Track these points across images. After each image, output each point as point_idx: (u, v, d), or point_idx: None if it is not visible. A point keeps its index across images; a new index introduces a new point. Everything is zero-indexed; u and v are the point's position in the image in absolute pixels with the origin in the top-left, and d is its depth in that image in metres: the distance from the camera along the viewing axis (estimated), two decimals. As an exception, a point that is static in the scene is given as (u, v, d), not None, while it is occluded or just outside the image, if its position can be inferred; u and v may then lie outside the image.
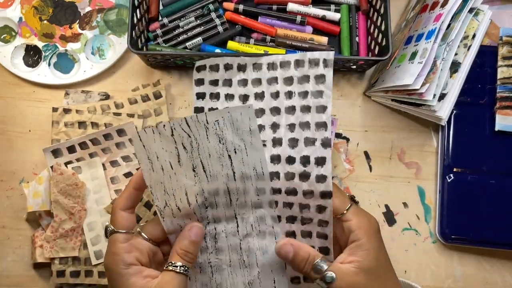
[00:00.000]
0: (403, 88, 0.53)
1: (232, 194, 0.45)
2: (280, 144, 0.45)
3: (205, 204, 0.45)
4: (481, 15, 0.57)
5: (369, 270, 0.40)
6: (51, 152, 0.57)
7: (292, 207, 0.45)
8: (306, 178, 0.44)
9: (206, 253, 0.46)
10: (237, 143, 0.44)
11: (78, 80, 0.61)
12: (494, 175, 0.58)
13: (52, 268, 0.55)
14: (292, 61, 0.46)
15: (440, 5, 0.55)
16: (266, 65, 0.47)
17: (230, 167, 0.44)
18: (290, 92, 0.46)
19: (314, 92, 0.45)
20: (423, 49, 0.53)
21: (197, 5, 0.61)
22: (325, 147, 0.44)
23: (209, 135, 0.43)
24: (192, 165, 0.44)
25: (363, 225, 0.41)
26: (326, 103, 0.45)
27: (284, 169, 0.45)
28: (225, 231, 0.46)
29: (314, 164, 0.44)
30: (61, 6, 0.63)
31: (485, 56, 0.60)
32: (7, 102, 0.61)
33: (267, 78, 0.47)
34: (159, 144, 0.43)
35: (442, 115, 0.55)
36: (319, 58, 0.45)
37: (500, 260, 0.58)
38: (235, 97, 0.48)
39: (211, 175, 0.44)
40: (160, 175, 0.43)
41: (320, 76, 0.45)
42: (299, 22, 0.62)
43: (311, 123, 0.45)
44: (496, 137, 0.58)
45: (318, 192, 0.43)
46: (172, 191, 0.44)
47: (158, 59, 0.58)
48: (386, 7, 0.54)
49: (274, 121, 0.46)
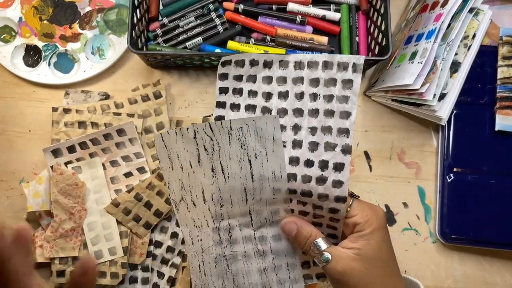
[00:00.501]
0: (403, 88, 0.53)
1: (248, 194, 0.45)
2: (300, 147, 0.45)
3: (220, 203, 0.45)
4: (481, 15, 0.57)
5: (368, 259, 0.40)
6: (51, 152, 0.57)
7: (305, 205, 0.45)
8: (323, 182, 0.43)
9: (221, 247, 0.46)
10: (258, 149, 0.44)
11: (78, 80, 0.61)
12: (494, 175, 0.58)
13: (52, 268, 0.55)
14: (321, 62, 0.45)
15: (440, 5, 0.54)
16: (293, 63, 0.46)
17: (249, 170, 0.44)
18: (315, 94, 0.45)
19: (339, 96, 0.44)
20: (423, 49, 0.53)
21: (197, 5, 0.61)
22: (345, 153, 0.43)
23: (232, 140, 0.44)
24: (212, 165, 0.44)
25: (368, 218, 0.41)
26: (351, 109, 0.44)
27: (302, 171, 0.44)
28: (239, 224, 0.46)
29: (332, 170, 0.43)
30: (61, 6, 0.63)
31: (485, 56, 0.60)
32: (7, 102, 0.61)
33: (292, 77, 0.46)
34: (181, 145, 0.44)
35: (442, 115, 0.55)
36: (349, 62, 0.44)
37: (500, 260, 0.58)
38: (258, 94, 0.47)
39: (229, 176, 0.44)
40: (179, 173, 0.44)
41: (348, 81, 0.44)
42: (299, 22, 0.62)
43: (333, 128, 0.44)
44: (496, 137, 0.58)
45: (333, 196, 0.43)
46: (189, 188, 0.45)
47: (158, 59, 0.58)
48: (386, 7, 0.54)
49: (296, 122, 0.45)
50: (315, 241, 0.42)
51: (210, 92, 0.61)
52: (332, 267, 0.40)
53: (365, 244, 0.40)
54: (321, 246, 0.42)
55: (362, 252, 0.40)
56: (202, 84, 0.62)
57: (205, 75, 0.62)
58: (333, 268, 0.40)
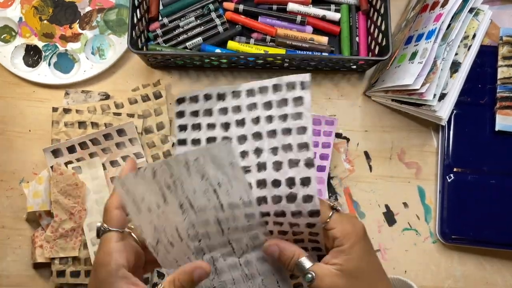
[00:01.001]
0: (403, 88, 0.53)
1: (223, 224, 0.46)
2: (265, 169, 0.46)
3: (197, 238, 0.46)
4: (481, 15, 0.57)
5: (350, 274, 0.40)
6: (51, 152, 0.57)
7: (282, 225, 0.46)
8: (293, 199, 0.44)
9: (208, 279, 0.47)
10: (220, 177, 0.44)
11: (78, 80, 0.61)
12: (494, 175, 0.58)
13: (52, 268, 0.55)
14: (270, 86, 0.47)
15: (440, 5, 0.55)
16: (245, 92, 0.48)
17: (217, 200, 0.45)
18: (270, 116, 0.47)
19: (293, 114, 0.46)
20: (423, 49, 0.53)
21: (197, 5, 0.61)
22: (309, 167, 0.44)
23: (191, 173, 0.44)
24: (179, 202, 0.44)
25: (346, 232, 0.41)
26: (306, 124, 0.45)
27: (271, 193, 0.45)
28: (222, 255, 0.47)
29: (300, 185, 0.44)
30: (61, 6, 0.63)
31: (485, 56, 0.60)
32: (7, 102, 0.61)
33: (246, 105, 0.48)
34: (143, 187, 0.44)
35: (442, 115, 0.55)
36: (296, 81, 0.46)
37: (500, 260, 0.58)
38: (217, 125, 0.48)
39: (199, 210, 0.45)
40: (148, 215, 0.44)
41: (298, 98, 0.46)
42: (299, 22, 0.62)
43: (293, 144, 0.45)
44: (496, 137, 0.58)
45: (306, 212, 0.44)
46: (162, 228, 0.45)
47: (158, 59, 0.58)
48: (386, 7, 0.54)
49: (257, 146, 0.47)
50: (298, 260, 0.42)
51: (210, 92, 0.61)
52: (316, 285, 0.40)
53: (346, 260, 0.40)
54: (305, 265, 0.41)
55: (344, 267, 0.40)
56: (202, 84, 0.62)
57: (205, 75, 0.62)
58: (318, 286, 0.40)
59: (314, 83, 0.62)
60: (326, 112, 0.61)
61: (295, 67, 0.61)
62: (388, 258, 0.58)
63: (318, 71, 0.62)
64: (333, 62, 0.57)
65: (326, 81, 0.62)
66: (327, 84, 0.62)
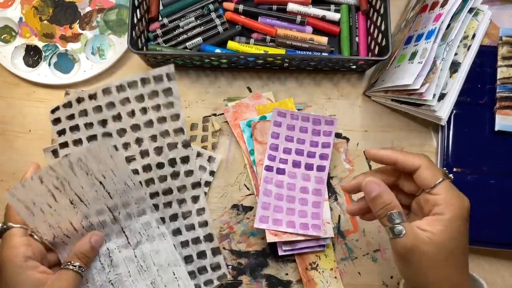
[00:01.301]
0: (403, 88, 0.53)
1: (113, 211, 0.50)
2: (148, 155, 0.53)
3: (92, 228, 0.50)
4: (480, 15, 0.57)
5: (438, 247, 0.38)
6: (51, 152, 0.57)
7: (171, 205, 0.53)
8: (177, 176, 0.53)
9: (104, 273, 0.50)
10: (103, 169, 0.49)
11: (78, 80, 0.61)
12: (494, 175, 0.58)
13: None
14: (139, 79, 0.52)
15: (440, 5, 0.55)
16: (115, 88, 0.52)
17: (104, 190, 0.49)
18: (144, 108, 0.52)
19: (165, 104, 0.52)
20: (423, 49, 0.53)
21: (197, 5, 0.61)
22: (186, 147, 0.53)
23: (76, 172, 0.48)
24: (69, 199, 0.48)
25: (451, 203, 0.40)
26: (178, 111, 0.52)
27: (157, 174, 0.53)
28: (118, 247, 0.51)
29: (181, 163, 0.53)
30: (61, 6, 0.63)
31: (485, 56, 0.60)
32: (7, 102, 0.61)
33: (119, 100, 0.52)
34: (32, 193, 0.47)
35: (442, 115, 0.55)
36: (161, 74, 0.52)
37: (499, 260, 0.58)
38: (94, 124, 0.52)
39: (89, 202, 0.49)
40: (41, 216, 0.47)
41: (167, 89, 0.52)
42: (299, 22, 0.62)
43: (170, 130, 0.53)
44: (496, 137, 0.59)
45: (189, 184, 0.54)
46: (57, 224, 0.48)
47: (158, 59, 0.58)
48: (386, 7, 0.54)
49: (137, 136, 0.52)
50: (393, 212, 0.40)
51: (210, 92, 0.61)
52: (401, 241, 0.39)
53: (441, 231, 0.39)
54: (397, 218, 0.40)
55: (435, 238, 0.38)
56: (202, 84, 0.62)
57: (205, 75, 0.62)
58: (402, 243, 0.39)
59: (314, 83, 0.62)
60: (326, 112, 0.61)
61: (295, 67, 0.61)
62: (388, 258, 0.58)
63: (318, 71, 0.62)
64: (332, 62, 0.57)
65: (326, 81, 0.62)
66: (327, 84, 0.62)
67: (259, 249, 0.58)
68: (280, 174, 0.57)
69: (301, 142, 0.58)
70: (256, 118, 0.59)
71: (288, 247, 0.55)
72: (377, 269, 0.58)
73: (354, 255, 0.58)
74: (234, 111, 0.60)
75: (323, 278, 0.56)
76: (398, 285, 0.49)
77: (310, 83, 0.62)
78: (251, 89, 0.62)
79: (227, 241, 0.58)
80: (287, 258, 0.57)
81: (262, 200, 0.56)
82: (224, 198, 0.59)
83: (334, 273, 0.56)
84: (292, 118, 0.58)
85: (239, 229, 0.58)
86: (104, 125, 0.52)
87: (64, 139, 0.53)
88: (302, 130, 0.58)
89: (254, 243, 0.58)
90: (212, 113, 0.61)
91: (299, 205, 0.56)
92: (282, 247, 0.55)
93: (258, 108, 0.60)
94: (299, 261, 0.56)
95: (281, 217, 0.55)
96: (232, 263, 0.57)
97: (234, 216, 0.58)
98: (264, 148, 0.58)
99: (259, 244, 0.58)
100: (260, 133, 0.58)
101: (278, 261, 0.57)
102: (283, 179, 0.57)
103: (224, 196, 0.59)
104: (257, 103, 0.61)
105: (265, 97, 0.61)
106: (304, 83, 0.62)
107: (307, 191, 0.57)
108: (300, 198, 0.56)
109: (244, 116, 0.60)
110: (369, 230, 0.59)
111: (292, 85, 0.62)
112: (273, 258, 0.57)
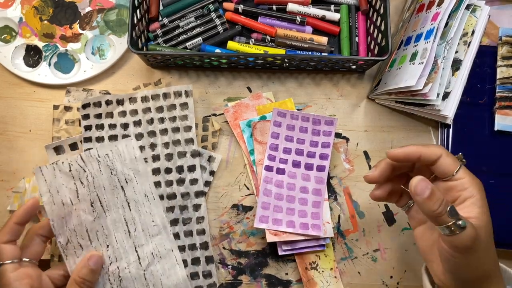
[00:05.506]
0: (406, 89, 0.53)
1: (130, 225, 0.52)
2: (159, 159, 0.57)
3: (106, 242, 0.51)
4: (478, 11, 0.57)
5: (487, 227, 0.40)
6: (53, 149, 0.57)
7: (174, 210, 0.56)
8: (182, 183, 0.57)
9: None
10: (126, 172, 0.52)
11: (78, 80, 0.61)
12: (494, 175, 0.58)
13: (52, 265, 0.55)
14: (161, 94, 0.58)
15: (437, 4, 0.55)
16: (140, 98, 0.58)
17: (124, 197, 0.52)
18: (162, 118, 0.58)
19: (181, 116, 0.58)
20: (423, 49, 0.53)
21: (197, 5, 0.62)
22: (194, 157, 0.57)
23: (101, 167, 0.51)
24: (90, 199, 0.50)
25: (475, 182, 0.41)
26: (191, 124, 0.58)
27: (164, 178, 0.56)
28: (128, 266, 0.51)
29: (187, 171, 0.57)
30: (62, 6, 0.63)
31: (485, 56, 0.60)
32: (8, 102, 0.61)
33: (142, 108, 0.57)
34: (60, 180, 0.49)
35: (447, 113, 0.55)
36: (181, 90, 0.58)
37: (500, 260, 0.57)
38: (117, 126, 0.57)
39: (108, 209, 0.51)
40: (62, 209, 0.49)
41: (184, 103, 0.58)
42: (299, 22, 0.62)
43: (181, 140, 0.57)
44: (495, 137, 0.59)
45: (193, 193, 0.57)
46: (73, 227, 0.49)
47: (158, 59, 0.58)
48: (386, 7, 0.54)
49: (152, 141, 0.57)
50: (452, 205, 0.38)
51: (210, 92, 0.61)
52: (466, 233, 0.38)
53: (481, 213, 0.40)
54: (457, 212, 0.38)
55: (480, 220, 0.39)
56: (202, 84, 0.62)
57: (205, 75, 0.62)
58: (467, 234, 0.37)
59: (313, 83, 0.62)
60: (326, 112, 0.62)
61: (295, 67, 0.61)
62: (388, 258, 0.58)
63: (317, 71, 0.62)
64: (332, 62, 0.57)
65: (325, 81, 0.62)
66: (327, 84, 0.62)
67: (259, 249, 0.58)
68: (280, 174, 0.57)
69: (301, 142, 0.58)
70: (256, 118, 0.59)
71: (288, 247, 0.55)
72: (377, 269, 0.58)
73: (354, 254, 0.58)
74: (234, 111, 0.60)
75: (323, 278, 0.56)
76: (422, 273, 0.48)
77: (310, 83, 0.62)
78: (251, 89, 0.62)
79: (227, 241, 0.58)
80: (287, 258, 0.58)
81: (262, 200, 0.56)
82: (224, 198, 0.59)
83: (334, 273, 0.57)
84: (292, 118, 0.58)
85: (239, 229, 0.58)
86: (125, 129, 0.57)
87: (89, 135, 0.57)
88: (302, 130, 0.58)
89: (254, 243, 0.58)
90: (212, 113, 0.61)
91: (299, 205, 0.56)
92: (282, 247, 0.55)
93: (258, 108, 0.60)
94: (299, 260, 0.56)
95: (281, 217, 0.55)
96: (232, 263, 0.57)
97: (234, 216, 0.58)
98: (264, 148, 0.58)
99: (259, 244, 0.58)
100: (260, 133, 0.58)
101: (278, 261, 0.57)
102: (283, 179, 0.57)
103: (224, 196, 0.59)
104: (257, 103, 0.61)
105: (265, 97, 0.61)
106: (304, 83, 0.62)
107: (307, 191, 0.57)
108: (300, 198, 0.57)
109: (244, 116, 0.60)
110: (369, 230, 0.59)
111: (292, 85, 0.62)
112: (273, 257, 0.57)
